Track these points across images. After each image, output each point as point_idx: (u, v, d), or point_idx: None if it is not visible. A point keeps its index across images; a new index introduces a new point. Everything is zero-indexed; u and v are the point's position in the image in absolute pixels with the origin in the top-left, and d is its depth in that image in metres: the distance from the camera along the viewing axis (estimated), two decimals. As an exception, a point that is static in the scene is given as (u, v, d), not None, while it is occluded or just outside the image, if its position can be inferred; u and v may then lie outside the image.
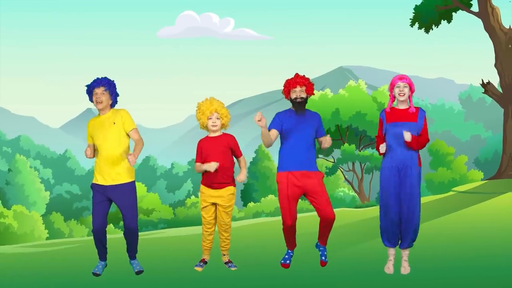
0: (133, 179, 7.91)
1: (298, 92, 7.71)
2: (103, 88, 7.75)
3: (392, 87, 7.55)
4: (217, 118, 7.76)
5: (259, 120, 7.29)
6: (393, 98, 7.58)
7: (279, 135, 7.82)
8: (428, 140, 7.54)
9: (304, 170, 7.68)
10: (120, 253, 9.02)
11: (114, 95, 7.88)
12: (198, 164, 7.87)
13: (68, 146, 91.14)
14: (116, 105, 7.98)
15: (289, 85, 7.73)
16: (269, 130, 7.74)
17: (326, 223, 7.77)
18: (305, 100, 7.73)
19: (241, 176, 7.82)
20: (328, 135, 7.90)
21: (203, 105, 7.78)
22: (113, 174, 7.75)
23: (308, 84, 7.74)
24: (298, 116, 7.74)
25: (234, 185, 7.95)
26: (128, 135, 7.86)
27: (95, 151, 7.91)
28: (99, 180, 7.79)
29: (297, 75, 7.74)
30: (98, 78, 7.81)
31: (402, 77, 7.52)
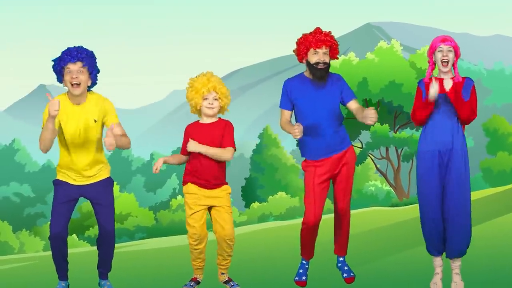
0: (109, 175, 7.93)
1: (322, 55, 7.44)
2: (81, 64, 7.29)
3: (432, 51, 7.49)
4: (215, 99, 7.70)
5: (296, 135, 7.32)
6: (433, 65, 7.53)
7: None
8: (475, 115, 7.50)
9: (333, 155, 7.67)
10: (87, 272, 9.05)
11: (94, 73, 7.45)
12: (180, 156, 7.81)
13: (16, 135, 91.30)
14: (94, 86, 7.59)
15: (310, 43, 7.43)
16: (280, 108, 7.73)
17: (337, 218, 7.84)
18: (328, 66, 7.52)
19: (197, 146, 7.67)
20: (373, 109, 7.67)
21: (198, 82, 7.69)
22: (89, 174, 7.74)
23: (333, 45, 7.50)
24: (315, 85, 7.61)
25: (227, 184, 7.94)
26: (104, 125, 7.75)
27: (58, 137, 7.80)
28: (69, 178, 7.77)
29: (320, 30, 7.46)
30: (70, 49, 7.36)
31: (445, 39, 7.46)
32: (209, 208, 7.89)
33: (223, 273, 8.21)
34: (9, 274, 11.47)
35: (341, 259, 8.06)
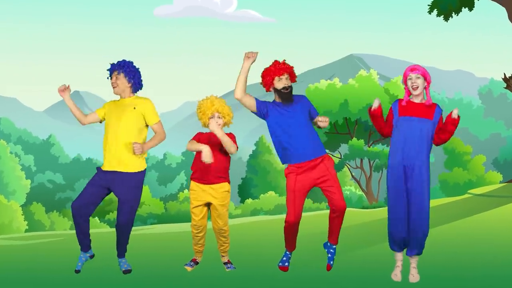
0: (141, 169, 7.94)
1: (284, 80, 7.63)
2: (116, 72, 7.88)
3: (405, 79, 7.45)
4: (219, 118, 7.85)
5: (247, 56, 7.50)
6: (408, 91, 7.48)
7: (252, 108, 7.69)
8: (450, 137, 7.57)
9: (312, 159, 7.66)
10: (105, 249, 9.03)
11: (134, 79, 7.95)
12: (193, 141, 7.87)
13: (53, 131, 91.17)
14: (140, 90, 8.08)
15: (274, 73, 7.63)
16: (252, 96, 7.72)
17: (337, 214, 7.75)
18: (291, 89, 7.68)
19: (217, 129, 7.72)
20: (324, 117, 7.86)
21: (204, 105, 7.88)
22: (121, 160, 7.76)
23: (291, 72, 7.69)
24: (286, 107, 7.67)
25: (229, 182, 8.02)
26: (149, 126, 8.05)
27: (105, 134, 7.94)
28: (105, 165, 7.82)
29: (278, 62, 7.67)
30: (113, 63, 7.95)
31: (413, 68, 7.41)
32: (209, 204, 7.98)
33: (223, 256, 8.34)
34: (41, 247, 11.44)
35: (332, 250, 8.07)
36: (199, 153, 7.87)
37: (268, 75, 7.65)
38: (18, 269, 8.82)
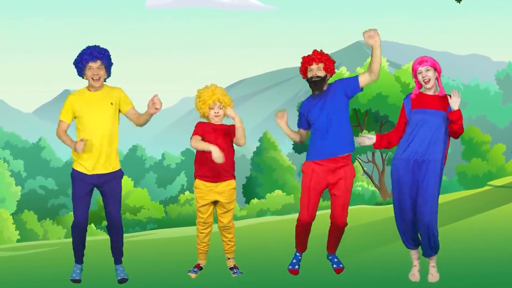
0: (120, 167, 8.00)
1: (315, 70, 7.66)
2: (100, 62, 7.68)
3: (414, 74, 7.47)
4: (220, 108, 7.89)
5: (279, 118, 7.87)
6: (419, 84, 7.49)
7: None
8: (463, 130, 7.51)
9: (332, 157, 7.66)
10: (102, 257, 9.04)
11: (109, 68, 7.82)
12: (198, 137, 7.87)
13: (43, 134, 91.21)
14: (108, 78, 7.92)
15: (305, 62, 7.73)
16: (298, 128, 8.00)
17: (334, 228, 7.91)
18: (323, 79, 7.69)
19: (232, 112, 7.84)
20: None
21: (204, 94, 7.91)
22: (105, 161, 7.78)
23: (326, 61, 7.70)
24: (318, 98, 7.72)
25: (235, 178, 8.06)
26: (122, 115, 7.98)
27: (79, 133, 7.85)
28: (87, 167, 7.76)
29: (314, 51, 7.74)
30: (90, 49, 7.69)
31: (421, 61, 7.40)
32: (215, 201, 8.03)
33: (229, 258, 8.34)
34: (33, 258, 11.46)
35: (330, 257, 8.16)
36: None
37: (302, 65, 7.78)
38: (10, 282, 8.83)
